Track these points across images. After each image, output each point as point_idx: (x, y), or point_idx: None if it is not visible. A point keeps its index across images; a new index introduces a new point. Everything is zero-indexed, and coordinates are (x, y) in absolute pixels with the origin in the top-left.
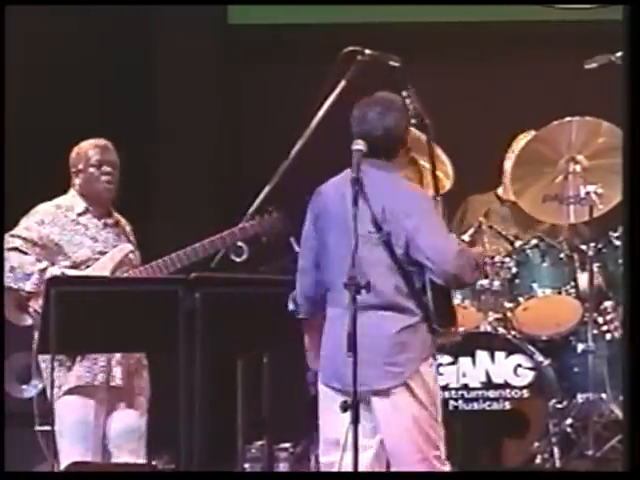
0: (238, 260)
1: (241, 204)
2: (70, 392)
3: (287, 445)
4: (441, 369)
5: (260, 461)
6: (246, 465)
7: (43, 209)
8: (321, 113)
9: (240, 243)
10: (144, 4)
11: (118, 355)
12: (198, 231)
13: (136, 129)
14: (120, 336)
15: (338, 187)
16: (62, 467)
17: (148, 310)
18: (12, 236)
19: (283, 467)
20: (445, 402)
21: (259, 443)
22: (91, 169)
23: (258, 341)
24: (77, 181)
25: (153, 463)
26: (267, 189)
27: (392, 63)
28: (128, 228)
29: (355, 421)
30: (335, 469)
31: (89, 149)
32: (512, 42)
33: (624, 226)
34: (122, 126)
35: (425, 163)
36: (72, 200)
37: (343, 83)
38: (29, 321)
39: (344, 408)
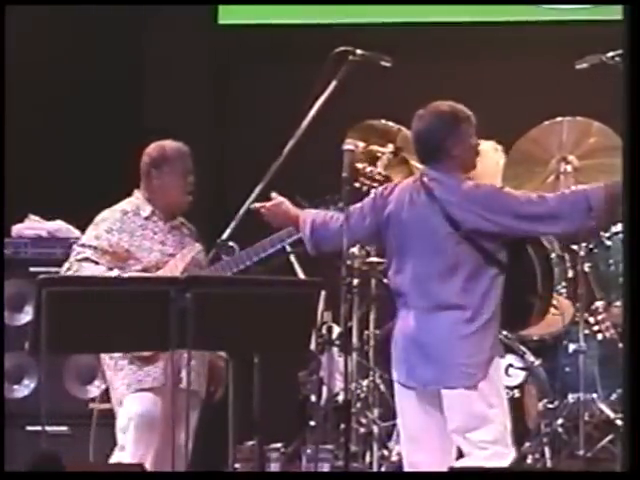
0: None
1: (232, 204)
2: (142, 390)
3: (278, 445)
4: None
5: (251, 461)
6: (237, 465)
7: (111, 216)
8: (312, 113)
9: (231, 243)
10: (134, 4)
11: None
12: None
13: (125, 129)
14: (112, 336)
15: (406, 192)
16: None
17: (140, 310)
18: (82, 246)
19: (274, 467)
20: None
21: (250, 443)
22: (175, 176)
23: (249, 341)
24: (155, 182)
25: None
26: (258, 189)
27: (383, 63)
28: (192, 230)
29: (348, 421)
30: (422, 469)
31: (175, 153)
32: (502, 43)
33: (624, 226)
34: (111, 126)
35: (416, 163)
36: (137, 204)
37: (334, 83)
38: (22, 320)
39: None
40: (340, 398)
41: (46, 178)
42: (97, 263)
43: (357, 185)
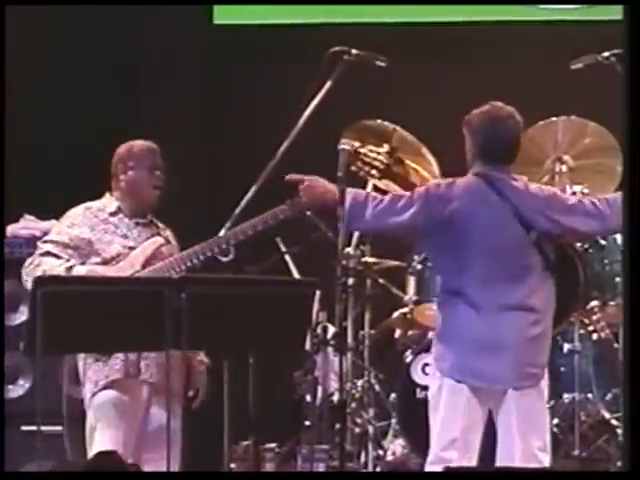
0: (224, 260)
1: (227, 204)
2: (106, 387)
3: (273, 445)
4: (427, 369)
5: (246, 461)
6: (232, 465)
7: (73, 212)
8: (307, 113)
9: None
10: (130, 4)
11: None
12: (182, 230)
13: (120, 128)
14: (107, 336)
15: (474, 191)
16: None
17: (134, 310)
18: (45, 242)
19: (269, 467)
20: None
21: (245, 443)
22: (142, 170)
23: (244, 341)
24: (122, 177)
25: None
26: (253, 189)
27: (379, 63)
28: (167, 232)
29: (343, 420)
30: (453, 464)
31: (143, 150)
32: (499, 42)
33: (624, 226)
34: (106, 125)
35: (411, 163)
36: (104, 202)
37: (329, 83)
38: (17, 320)
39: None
40: (335, 398)
41: (41, 177)
42: (58, 257)
43: (353, 169)
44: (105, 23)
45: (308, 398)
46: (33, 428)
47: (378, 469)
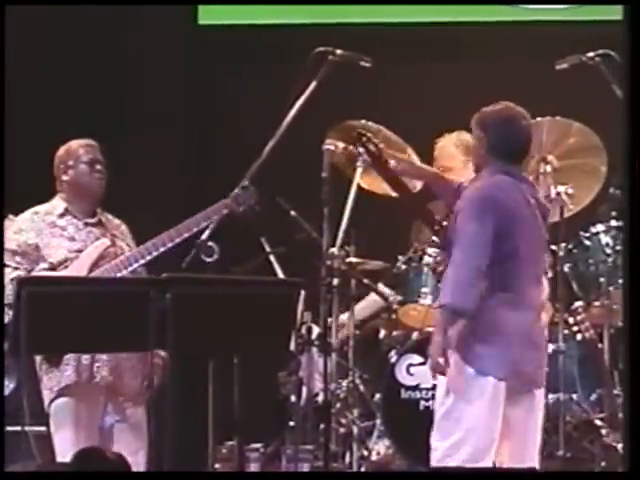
0: (209, 260)
1: (211, 204)
2: (60, 394)
3: (258, 445)
4: (412, 369)
5: (231, 461)
6: (217, 465)
7: (21, 218)
8: (292, 113)
9: (210, 243)
10: (113, 4)
11: (103, 355)
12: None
13: (105, 129)
14: (91, 336)
15: (517, 190)
16: (67, 459)
17: (119, 310)
18: None
19: (254, 467)
20: (416, 402)
21: (230, 443)
22: (82, 166)
23: (229, 341)
24: (65, 178)
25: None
26: (238, 189)
27: (363, 64)
28: (122, 228)
29: (328, 421)
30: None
31: (80, 147)
32: (482, 43)
33: (624, 225)
34: (92, 125)
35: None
36: (53, 204)
37: (314, 83)
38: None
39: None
40: (320, 398)
41: (35, 177)
42: (6, 266)
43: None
44: (88, 24)
45: (293, 398)
46: (18, 429)
47: (363, 469)
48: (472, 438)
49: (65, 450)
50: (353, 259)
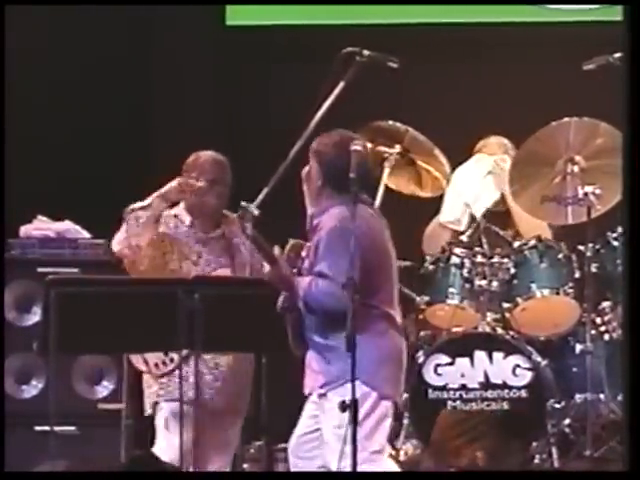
0: None
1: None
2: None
3: (285, 445)
4: (439, 369)
5: (259, 461)
6: (245, 465)
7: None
8: (320, 114)
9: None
10: (142, 4)
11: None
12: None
13: (133, 130)
14: (120, 337)
15: (374, 216)
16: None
17: (148, 311)
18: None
19: (282, 467)
20: (444, 402)
21: (258, 443)
22: (203, 183)
23: (257, 341)
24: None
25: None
26: (265, 190)
27: (390, 64)
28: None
29: (354, 421)
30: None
31: (208, 162)
32: (510, 43)
33: (624, 226)
34: (119, 127)
35: (423, 164)
36: (181, 212)
37: (342, 84)
38: (30, 321)
39: (342, 408)
40: (347, 398)
41: (54, 179)
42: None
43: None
44: (117, 24)
45: None
46: (46, 428)
47: None
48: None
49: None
50: None
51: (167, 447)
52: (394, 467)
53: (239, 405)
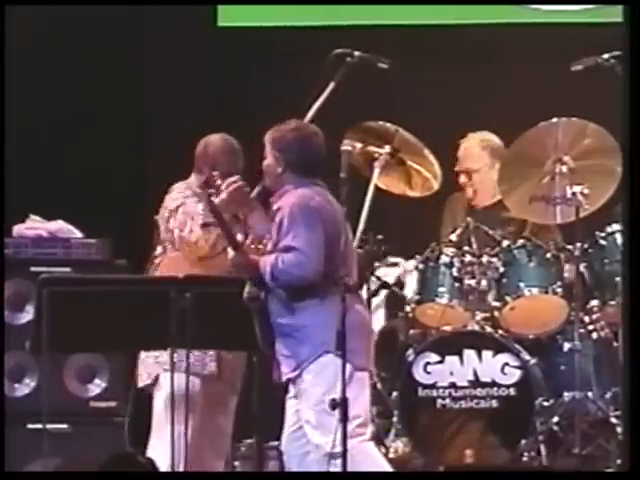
0: None
1: None
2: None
3: (277, 443)
4: (429, 368)
5: (250, 459)
6: (236, 463)
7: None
8: (310, 114)
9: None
10: (133, 4)
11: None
12: None
13: (125, 131)
14: (112, 335)
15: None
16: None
17: (140, 310)
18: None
19: (273, 465)
20: (433, 401)
21: (249, 441)
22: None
23: (248, 340)
24: (196, 173)
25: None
26: (257, 189)
27: (381, 65)
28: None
29: (344, 419)
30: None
31: (218, 152)
32: (499, 44)
33: (624, 226)
34: (111, 127)
35: (413, 164)
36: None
37: (332, 84)
38: (23, 320)
39: (332, 406)
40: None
41: (47, 178)
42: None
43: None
44: (108, 25)
45: None
46: (39, 426)
47: None
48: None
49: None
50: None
51: (162, 442)
52: (376, 452)
53: (235, 383)
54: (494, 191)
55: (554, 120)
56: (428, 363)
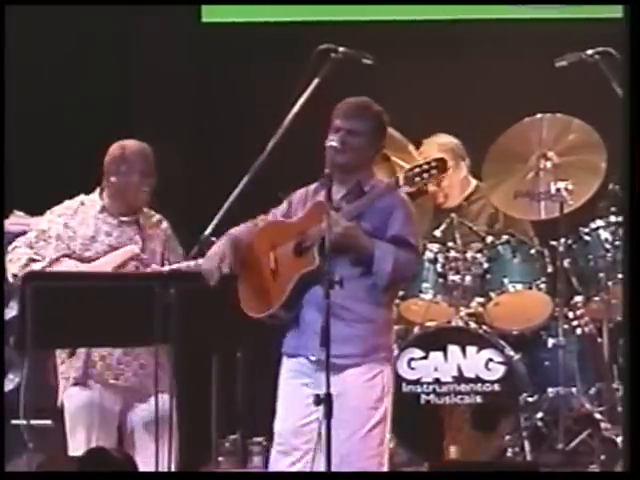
0: None
1: (215, 201)
2: (76, 382)
3: (260, 439)
4: (413, 363)
5: (234, 455)
6: (220, 459)
7: (67, 203)
8: (295, 110)
9: (213, 238)
10: (117, 4)
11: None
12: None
13: (110, 128)
14: (97, 331)
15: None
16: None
17: (124, 305)
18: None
19: (257, 461)
20: (417, 396)
21: (233, 437)
22: (134, 176)
23: (232, 336)
24: (112, 179)
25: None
26: (241, 185)
27: (365, 61)
28: (163, 225)
29: (329, 415)
30: None
31: (136, 154)
32: (484, 40)
33: (624, 224)
34: (95, 125)
35: (397, 160)
36: (93, 198)
37: (317, 80)
38: (7, 315)
39: (317, 402)
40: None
41: (31, 174)
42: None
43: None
44: (93, 23)
45: None
46: (23, 422)
47: None
48: None
49: (77, 443)
50: None
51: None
52: None
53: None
54: (462, 188)
55: (538, 116)
56: (412, 359)
